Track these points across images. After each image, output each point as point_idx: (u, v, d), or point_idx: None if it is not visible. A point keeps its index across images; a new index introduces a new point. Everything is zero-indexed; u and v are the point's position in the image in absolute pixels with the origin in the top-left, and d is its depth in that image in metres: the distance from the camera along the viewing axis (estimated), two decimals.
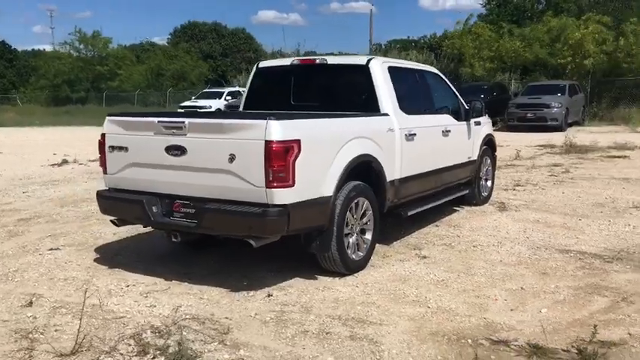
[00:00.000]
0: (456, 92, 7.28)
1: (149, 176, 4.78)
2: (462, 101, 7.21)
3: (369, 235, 5.21)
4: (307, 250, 4.83)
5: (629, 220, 6.98)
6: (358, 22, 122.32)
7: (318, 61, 5.95)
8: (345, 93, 5.91)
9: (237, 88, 32.93)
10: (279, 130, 4.17)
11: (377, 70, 5.60)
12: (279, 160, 4.17)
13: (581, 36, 25.12)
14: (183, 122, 4.50)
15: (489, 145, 7.99)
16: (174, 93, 42.79)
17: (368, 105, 5.55)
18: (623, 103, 25.26)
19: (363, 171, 5.06)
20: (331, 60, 5.92)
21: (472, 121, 7.28)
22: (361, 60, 5.76)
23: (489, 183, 8.15)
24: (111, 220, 5.20)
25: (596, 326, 3.68)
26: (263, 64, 6.39)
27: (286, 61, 6.28)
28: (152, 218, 4.74)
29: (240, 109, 6.38)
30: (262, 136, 4.16)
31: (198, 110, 29.28)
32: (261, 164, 4.18)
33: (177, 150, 4.53)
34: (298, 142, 4.25)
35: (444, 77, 7.29)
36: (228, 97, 30.63)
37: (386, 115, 5.48)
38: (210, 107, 28.34)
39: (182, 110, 29.99)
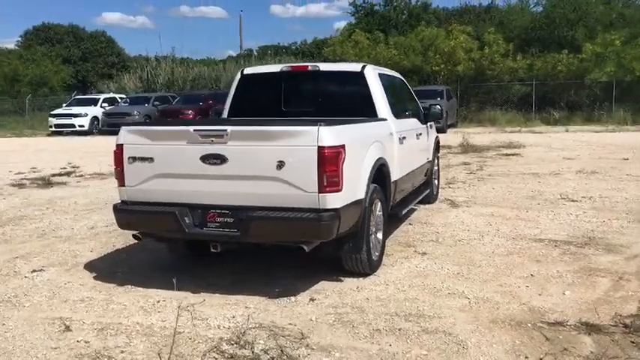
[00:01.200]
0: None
1: (179, 187, 4.60)
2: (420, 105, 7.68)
3: (380, 235, 5.41)
4: (337, 253, 4.92)
5: (566, 209, 7.83)
6: (211, 27, 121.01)
7: (310, 68, 6.04)
8: (340, 99, 6.06)
9: (112, 95, 31.34)
10: (330, 135, 4.25)
11: (371, 76, 5.83)
12: (332, 165, 4.25)
13: (453, 45, 27.28)
14: (225, 130, 4.40)
15: (437, 146, 8.55)
16: (32, 100, 39.61)
17: (365, 111, 5.75)
18: (488, 106, 27.79)
19: (377, 173, 5.27)
20: (324, 67, 6.04)
21: (427, 124, 7.78)
22: (355, 67, 5.95)
23: (436, 182, 8.71)
24: (133, 235, 4.92)
25: None
26: (248, 70, 6.34)
27: (274, 68, 6.29)
28: (186, 230, 4.57)
29: (224, 115, 6.28)
30: (314, 142, 4.22)
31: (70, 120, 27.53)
32: (314, 170, 4.23)
33: (216, 159, 4.42)
34: (344, 147, 4.36)
35: (407, 83, 7.71)
36: (105, 104, 29.06)
37: (384, 119, 5.73)
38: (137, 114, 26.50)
39: (55, 119, 27.97)
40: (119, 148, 4.74)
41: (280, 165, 4.29)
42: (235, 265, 5.51)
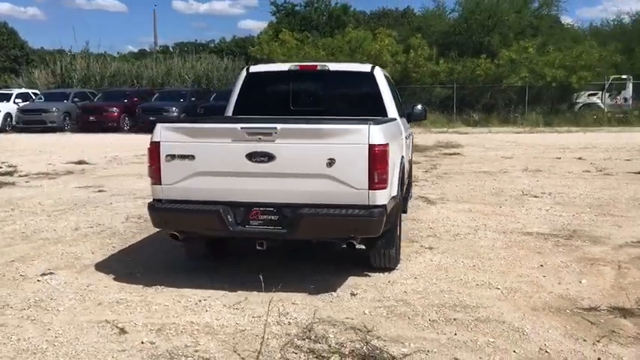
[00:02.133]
0: None
1: (222, 185, 4.54)
2: None
3: (398, 231, 5.58)
4: (370, 250, 5.02)
5: (534, 205, 8.36)
6: (109, 21, 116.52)
7: (319, 67, 6.11)
8: (350, 99, 6.18)
9: (25, 90, 29.56)
10: (379, 134, 4.37)
11: (380, 76, 5.99)
12: (382, 163, 4.37)
13: (379, 48, 28.05)
14: (275, 128, 4.39)
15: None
16: None
17: (375, 110, 5.89)
18: None
19: (402, 170, 5.42)
20: (333, 67, 6.13)
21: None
22: (365, 67, 6.09)
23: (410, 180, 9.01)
24: (171, 234, 4.77)
25: None
26: (254, 69, 6.29)
27: (282, 67, 6.31)
28: (230, 228, 4.51)
29: (229, 113, 6.20)
30: (366, 140, 4.32)
31: None
32: (365, 167, 4.33)
33: (263, 157, 4.41)
34: (388, 145, 4.50)
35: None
36: (19, 100, 27.36)
37: (394, 119, 5.91)
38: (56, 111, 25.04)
39: None
40: (155, 145, 4.60)
41: (331, 162, 4.35)
42: (251, 265, 5.45)
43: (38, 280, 5.01)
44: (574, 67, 27.22)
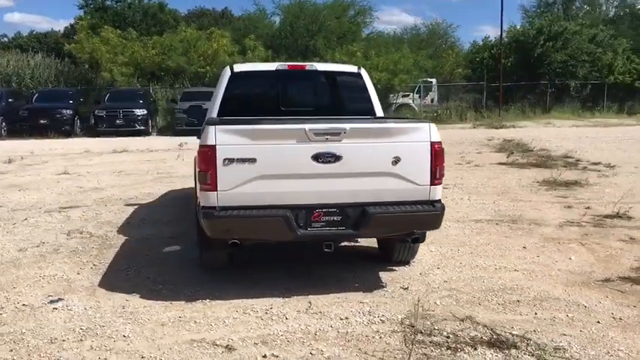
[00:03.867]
0: None
1: (285, 188, 4.34)
2: None
3: None
4: (412, 243, 5.04)
5: (453, 194, 9.15)
6: None
7: (307, 67, 6.04)
8: (339, 98, 6.19)
9: None
10: (437, 131, 4.56)
11: (366, 76, 6.13)
12: (441, 159, 4.56)
13: (216, 48, 27.67)
14: (344, 128, 4.32)
15: None
16: None
17: (364, 109, 6.04)
18: None
19: None
20: (321, 67, 6.11)
21: None
22: (351, 68, 6.19)
23: None
24: (231, 242, 4.39)
25: None
26: (239, 68, 5.97)
27: (268, 66, 6.10)
28: (298, 232, 4.34)
29: (214, 114, 5.84)
30: (428, 138, 4.48)
31: None
32: (427, 164, 4.49)
33: (330, 157, 4.32)
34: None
35: None
36: None
37: (383, 117, 6.11)
38: None
39: None
40: (210, 148, 4.24)
41: (396, 160, 4.43)
42: (267, 271, 5.29)
43: (55, 309, 4.32)
44: (395, 70, 29.63)
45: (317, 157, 4.31)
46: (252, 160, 4.27)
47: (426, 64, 31.66)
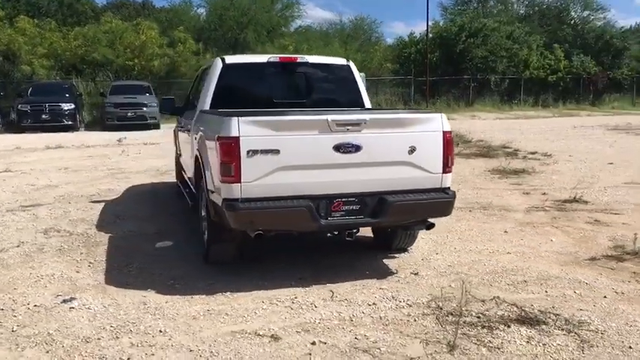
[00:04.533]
0: None
1: (307, 178, 4.37)
2: None
3: None
4: (427, 229, 5.04)
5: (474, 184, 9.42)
6: None
7: (299, 59, 6.04)
8: (330, 90, 6.23)
9: None
10: (447, 121, 4.74)
11: (355, 68, 6.24)
12: (452, 148, 4.74)
13: (144, 40, 26.81)
14: (365, 119, 4.41)
15: None
16: None
17: (353, 101, 6.14)
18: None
19: None
20: (312, 59, 6.11)
21: None
22: (340, 60, 6.26)
23: None
24: (255, 234, 4.33)
25: None
26: (230, 60, 5.87)
27: (260, 58, 6.05)
28: (321, 222, 4.38)
29: (206, 107, 5.73)
30: (440, 127, 4.65)
31: None
32: (440, 152, 4.66)
33: (350, 147, 4.39)
34: None
35: None
36: None
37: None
38: None
39: None
40: (233, 140, 4.19)
41: (412, 150, 4.57)
42: (270, 260, 5.30)
43: (72, 308, 4.14)
44: None
45: (338, 148, 4.38)
46: (276, 152, 4.27)
47: (356, 57, 32.12)
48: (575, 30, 42.21)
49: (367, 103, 6.21)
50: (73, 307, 4.15)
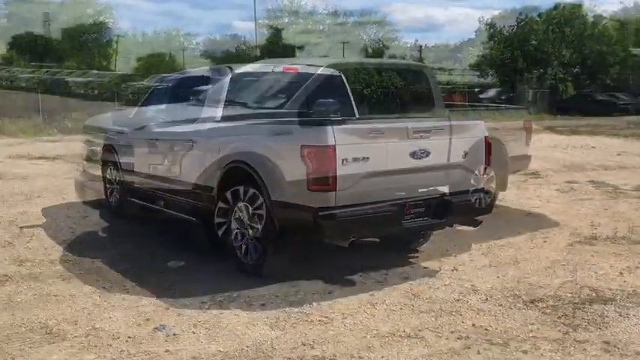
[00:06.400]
0: None
1: (387, 184, 4.60)
2: None
3: None
4: (474, 227, 5.34)
5: None
6: None
7: (300, 69, 6.09)
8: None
9: None
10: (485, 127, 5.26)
11: (343, 77, 6.41)
12: (490, 151, 5.26)
13: None
14: (435, 126, 4.72)
15: None
16: None
17: (345, 108, 6.30)
18: None
19: None
20: (309, 69, 6.17)
21: None
22: (334, 70, 6.38)
23: None
24: (350, 242, 4.44)
25: None
26: (238, 69, 5.87)
27: (266, 67, 6.04)
28: (404, 225, 4.66)
29: (218, 116, 5.48)
30: (482, 133, 5.16)
31: None
32: (483, 156, 5.16)
33: (423, 153, 4.67)
34: None
35: None
36: None
37: None
38: None
39: None
40: (330, 149, 4.22)
41: (465, 154, 5.01)
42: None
43: (168, 336, 3.84)
44: None
45: (414, 154, 4.65)
46: (366, 159, 4.40)
47: None
48: None
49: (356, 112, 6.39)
50: (169, 335, 3.83)
